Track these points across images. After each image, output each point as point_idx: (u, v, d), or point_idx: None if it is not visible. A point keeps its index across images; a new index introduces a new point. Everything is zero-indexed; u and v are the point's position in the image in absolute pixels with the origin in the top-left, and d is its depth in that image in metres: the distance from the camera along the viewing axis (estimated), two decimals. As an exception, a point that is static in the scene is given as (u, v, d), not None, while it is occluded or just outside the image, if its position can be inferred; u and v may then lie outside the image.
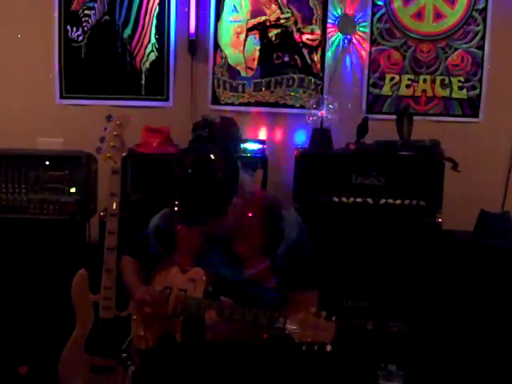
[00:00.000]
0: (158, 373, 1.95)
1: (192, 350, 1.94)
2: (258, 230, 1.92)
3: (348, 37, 3.50)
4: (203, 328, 1.86)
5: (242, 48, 3.55)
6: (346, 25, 3.49)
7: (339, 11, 3.49)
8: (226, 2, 3.51)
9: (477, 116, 3.58)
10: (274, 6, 3.52)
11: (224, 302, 1.84)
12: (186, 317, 1.93)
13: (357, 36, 3.52)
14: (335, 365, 2.82)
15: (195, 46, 3.49)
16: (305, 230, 1.98)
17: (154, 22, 3.51)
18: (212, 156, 1.80)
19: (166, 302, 1.94)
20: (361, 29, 3.51)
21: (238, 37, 3.54)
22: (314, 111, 3.29)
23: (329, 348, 1.62)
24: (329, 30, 3.51)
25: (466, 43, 3.54)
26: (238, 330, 1.84)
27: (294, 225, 1.94)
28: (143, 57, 3.53)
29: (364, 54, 3.54)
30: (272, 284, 1.92)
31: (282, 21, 3.53)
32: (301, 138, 3.47)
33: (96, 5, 3.48)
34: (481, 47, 3.53)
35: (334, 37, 3.51)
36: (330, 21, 3.50)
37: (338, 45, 3.52)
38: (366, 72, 3.56)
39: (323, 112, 3.25)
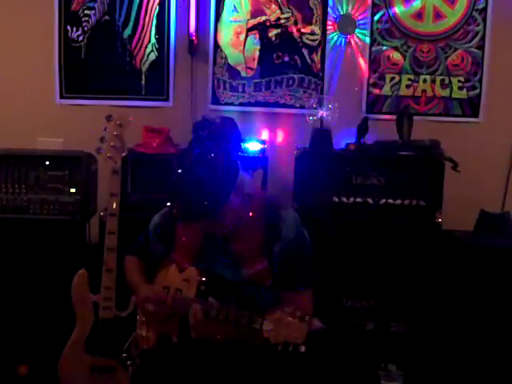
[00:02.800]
0: (158, 373, 1.96)
1: (190, 350, 1.94)
2: (256, 230, 1.92)
3: (348, 36, 3.51)
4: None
5: (242, 48, 3.55)
6: (346, 24, 3.50)
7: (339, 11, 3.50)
8: (225, 2, 3.51)
9: (477, 116, 3.58)
10: (274, 5, 3.52)
11: (210, 303, 1.85)
12: (180, 317, 1.93)
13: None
14: (335, 365, 2.82)
15: (195, 45, 3.49)
16: (303, 230, 1.98)
17: (154, 21, 3.51)
18: (209, 154, 1.80)
19: (164, 301, 1.94)
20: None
21: (237, 37, 3.54)
22: (313, 111, 3.29)
23: (303, 349, 1.62)
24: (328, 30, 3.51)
25: (465, 43, 3.54)
26: (222, 329, 1.84)
27: (291, 225, 1.93)
28: (143, 57, 3.53)
29: (364, 53, 3.54)
30: (270, 284, 1.92)
31: (282, 21, 3.53)
32: (301, 138, 3.46)
33: (96, 5, 3.48)
34: (481, 47, 3.53)
35: (334, 36, 3.52)
36: (329, 22, 3.50)
37: (339, 44, 3.53)
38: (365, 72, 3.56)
39: (323, 112, 3.25)
